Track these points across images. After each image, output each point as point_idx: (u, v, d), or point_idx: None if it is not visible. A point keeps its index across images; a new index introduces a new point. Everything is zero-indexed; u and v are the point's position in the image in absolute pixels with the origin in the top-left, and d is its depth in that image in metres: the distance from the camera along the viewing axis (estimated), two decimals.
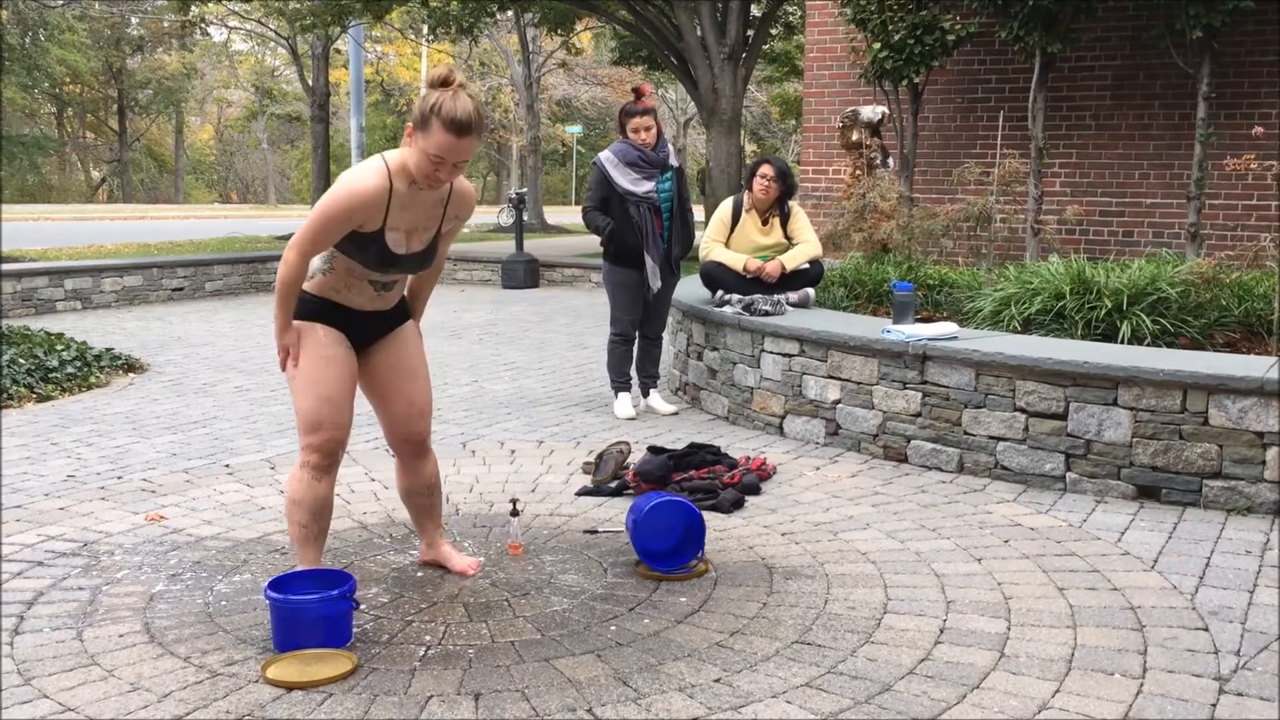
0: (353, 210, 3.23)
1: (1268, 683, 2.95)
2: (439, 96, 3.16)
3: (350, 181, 3.26)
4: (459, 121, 3.13)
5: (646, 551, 3.81)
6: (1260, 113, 9.06)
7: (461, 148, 3.18)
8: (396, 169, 3.28)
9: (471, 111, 3.16)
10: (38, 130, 48.73)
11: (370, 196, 3.24)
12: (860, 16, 9.64)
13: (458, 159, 3.21)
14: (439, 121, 3.14)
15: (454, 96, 3.15)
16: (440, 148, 3.16)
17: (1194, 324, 5.48)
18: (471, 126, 3.17)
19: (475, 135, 3.19)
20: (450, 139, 3.15)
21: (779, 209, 6.56)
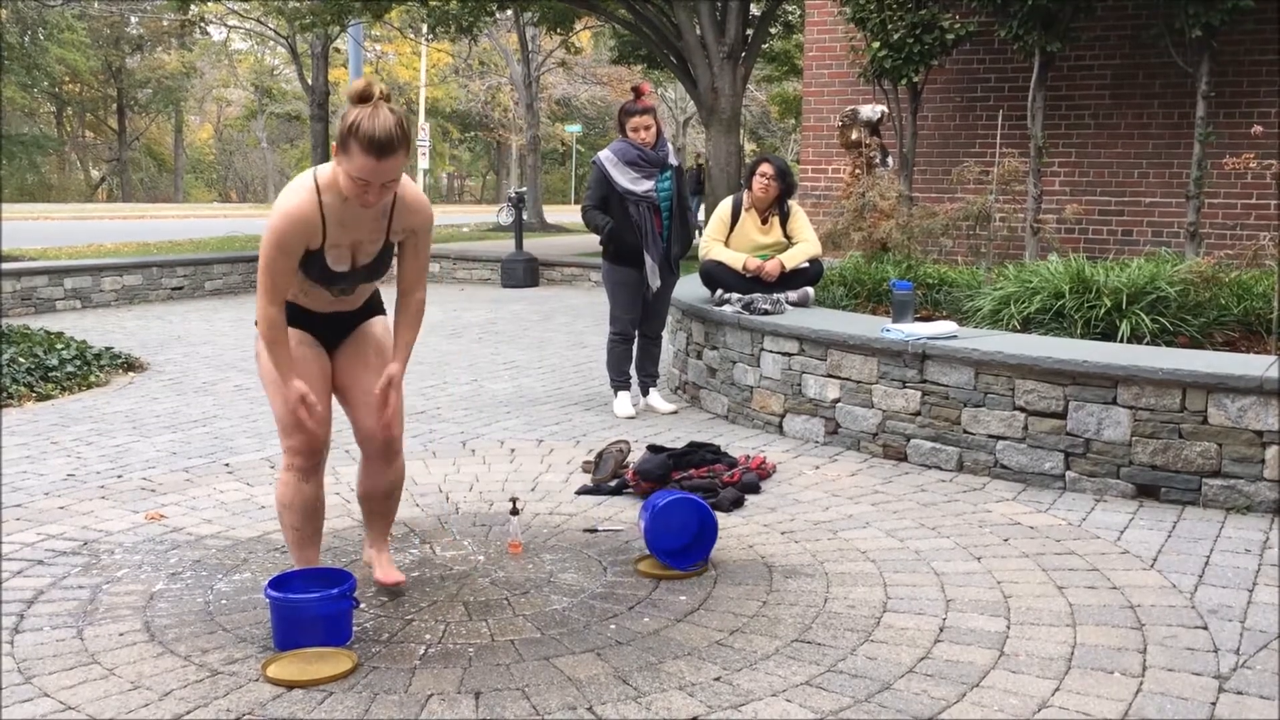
0: (288, 235, 3.10)
1: (1267, 681, 2.95)
2: (357, 115, 2.96)
3: (280, 207, 3.12)
4: (378, 142, 2.94)
5: (658, 547, 3.81)
6: (1259, 112, 9.07)
7: (384, 169, 2.99)
8: (326, 184, 3.12)
9: (392, 129, 2.95)
10: (37, 129, 48.72)
11: (301, 218, 3.10)
12: (859, 15, 9.64)
13: (382, 180, 3.02)
14: (357, 143, 2.95)
15: (373, 114, 2.95)
16: (362, 170, 2.98)
17: (1193, 323, 5.49)
18: (393, 145, 2.96)
19: (399, 153, 3.00)
20: (370, 161, 2.96)
21: (778, 208, 6.57)
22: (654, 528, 3.80)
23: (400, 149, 3.00)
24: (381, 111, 2.97)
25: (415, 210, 3.30)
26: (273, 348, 3.22)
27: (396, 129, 2.97)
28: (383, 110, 2.97)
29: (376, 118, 2.95)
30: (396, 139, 2.97)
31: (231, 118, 56.27)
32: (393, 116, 2.98)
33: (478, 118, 46.79)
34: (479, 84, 43.82)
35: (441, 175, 61.67)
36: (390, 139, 2.96)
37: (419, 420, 6.27)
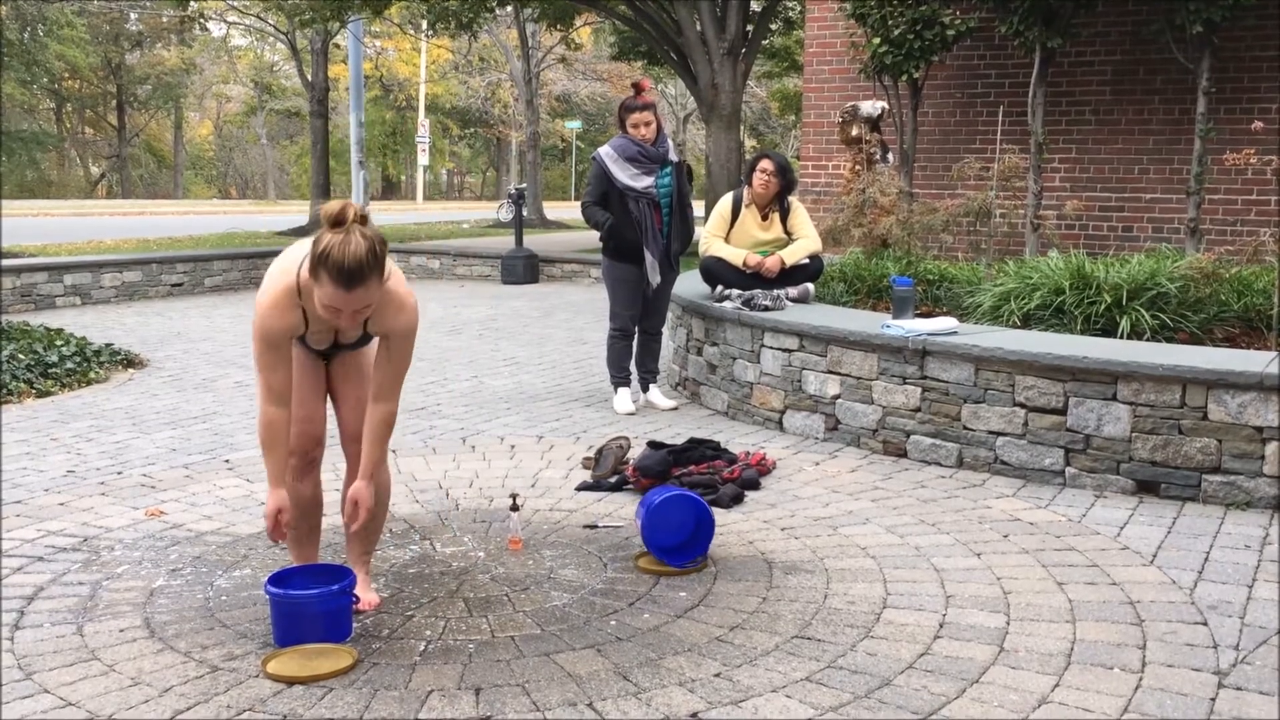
0: (273, 333, 3.07)
1: (1267, 677, 2.95)
2: (328, 242, 2.85)
3: (263, 298, 3.08)
4: (347, 273, 2.83)
5: (654, 544, 3.81)
6: (1260, 108, 9.06)
7: (354, 299, 2.89)
8: (307, 283, 3.01)
9: (363, 258, 2.84)
10: (37, 126, 48.67)
11: (283, 320, 3.07)
12: (860, 11, 9.62)
13: (353, 308, 2.93)
14: (326, 272, 2.85)
15: (344, 243, 2.84)
16: (332, 299, 2.90)
17: (1193, 319, 5.48)
18: (363, 276, 2.86)
19: (370, 282, 2.89)
20: (339, 292, 2.87)
21: (779, 204, 6.56)
22: (650, 524, 3.80)
23: (372, 277, 2.89)
24: (353, 239, 2.86)
25: (395, 312, 3.14)
26: (267, 450, 3.16)
27: (368, 257, 2.86)
28: (355, 237, 2.86)
29: (348, 246, 2.84)
30: (368, 267, 2.86)
31: (231, 114, 56.22)
32: (365, 243, 2.86)
33: (478, 114, 46.77)
34: (479, 80, 43.78)
35: (441, 172, 61.65)
36: (360, 269, 2.85)
37: (419, 416, 6.27)
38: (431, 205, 44.33)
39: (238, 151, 58.57)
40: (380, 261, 2.93)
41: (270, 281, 3.13)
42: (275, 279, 3.12)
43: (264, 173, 56.39)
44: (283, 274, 3.11)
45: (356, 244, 2.85)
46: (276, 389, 3.13)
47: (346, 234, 2.87)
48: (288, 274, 3.09)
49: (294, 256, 3.13)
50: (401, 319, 3.16)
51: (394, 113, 50.32)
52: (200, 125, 60.35)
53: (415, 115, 45.96)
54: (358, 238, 2.87)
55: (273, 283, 3.12)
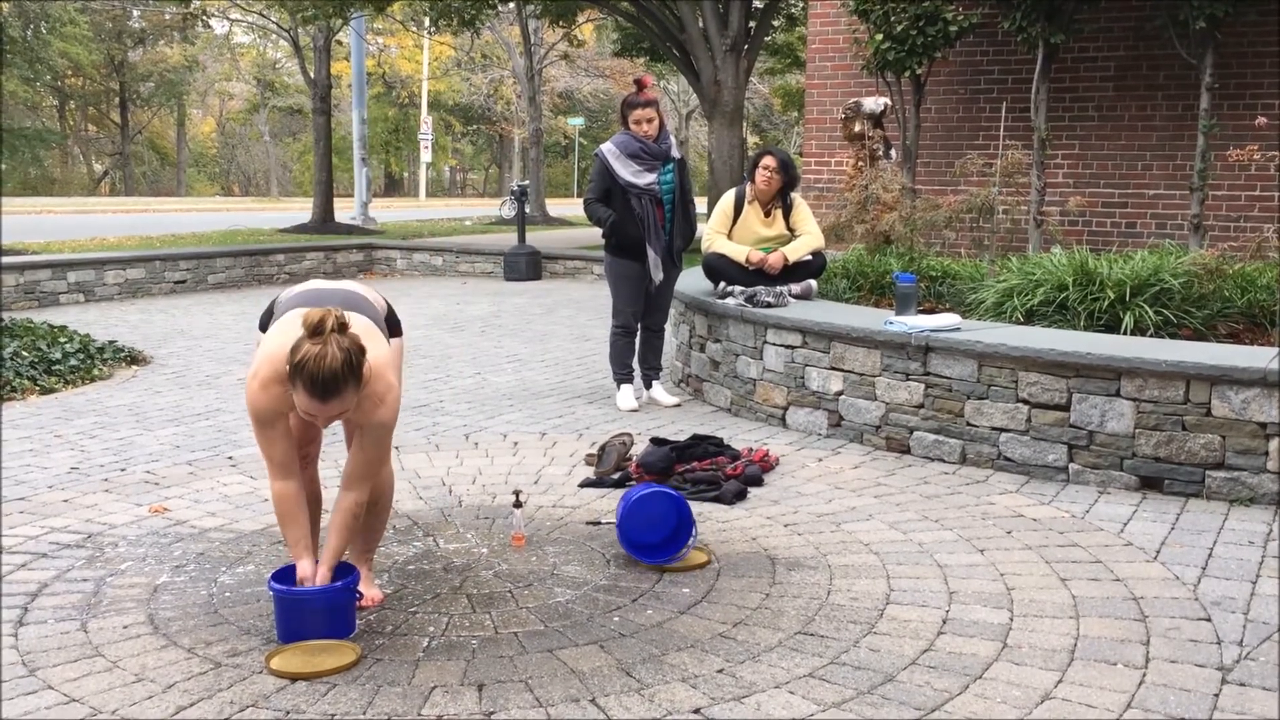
0: (265, 414, 3.08)
1: (1270, 673, 2.95)
2: (305, 352, 2.86)
3: (252, 389, 3.07)
4: (320, 385, 2.86)
5: (635, 543, 3.81)
6: (1263, 103, 9.04)
7: (329, 409, 2.93)
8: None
9: (338, 369, 2.85)
10: (40, 123, 48.71)
11: (272, 407, 3.07)
12: (862, 8, 9.62)
13: (328, 416, 2.98)
14: (301, 382, 2.88)
15: (320, 355, 2.85)
16: (307, 408, 2.94)
17: (1197, 315, 5.48)
18: (338, 386, 2.88)
19: (345, 394, 2.91)
20: (315, 402, 2.90)
21: (781, 200, 6.56)
22: (630, 526, 3.80)
23: (347, 389, 2.91)
24: (330, 351, 2.86)
25: (373, 408, 3.11)
26: (286, 523, 3.19)
27: (343, 369, 2.87)
28: (331, 349, 2.86)
29: (323, 359, 2.85)
30: (342, 380, 2.88)
31: (234, 111, 56.25)
32: (340, 355, 2.86)
33: (480, 111, 46.78)
34: (481, 77, 43.79)
35: (444, 169, 61.67)
36: (334, 382, 2.87)
37: (422, 414, 6.27)
38: (434, 202, 44.33)
39: (240, 148, 58.59)
40: (356, 371, 2.93)
41: (260, 363, 3.10)
42: (264, 365, 3.08)
43: (267, 170, 56.42)
44: (273, 359, 3.06)
45: (333, 356, 2.86)
46: (279, 461, 3.16)
47: (324, 345, 2.87)
48: (277, 361, 3.04)
49: (283, 341, 3.07)
50: (379, 414, 3.14)
51: (396, 110, 50.32)
52: (203, 122, 60.37)
53: (418, 112, 45.95)
54: (334, 349, 2.87)
55: (261, 367, 3.09)
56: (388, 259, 15.34)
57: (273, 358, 3.07)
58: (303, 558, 3.20)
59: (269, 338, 3.18)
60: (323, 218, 20.39)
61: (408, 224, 23.74)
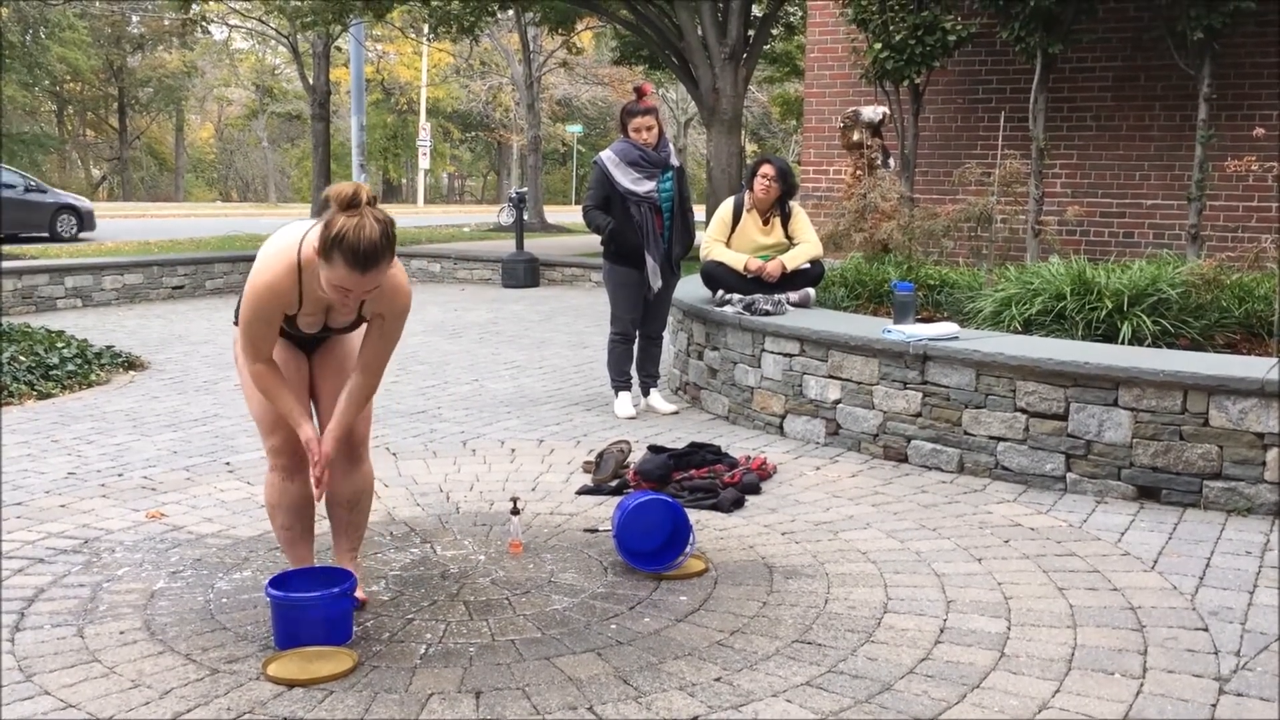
0: (266, 306, 3.08)
1: (1268, 683, 2.95)
2: (343, 224, 2.85)
3: (260, 275, 3.08)
4: (362, 255, 2.85)
5: (632, 551, 3.81)
6: (1261, 114, 9.06)
7: (367, 280, 2.92)
8: (308, 260, 3.03)
9: (377, 240, 2.86)
10: (38, 128, 48.67)
11: (279, 293, 3.08)
12: (861, 17, 9.64)
13: (364, 289, 2.96)
14: (340, 254, 2.85)
15: (359, 226, 2.85)
16: (344, 281, 2.90)
17: (1194, 325, 5.48)
18: (377, 258, 2.88)
19: (383, 264, 2.92)
20: (354, 274, 2.88)
21: (780, 209, 6.57)
22: (627, 533, 3.79)
23: (384, 260, 2.92)
24: (368, 222, 2.87)
25: (391, 296, 3.15)
26: (273, 395, 3.19)
27: (382, 240, 2.88)
28: (369, 220, 2.87)
29: (363, 230, 2.85)
30: (381, 250, 2.89)
31: (232, 117, 56.29)
32: (379, 227, 2.88)
33: (479, 118, 46.82)
34: (480, 84, 43.83)
35: (442, 175, 61.68)
36: (375, 252, 2.87)
37: (419, 420, 6.27)
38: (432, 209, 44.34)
39: (239, 154, 58.60)
40: (392, 244, 2.94)
41: (268, 260, 3.11)
42: (274, 257, 3.10)
43: (265, 176, 56.43)
44: (283, 252, 3.09)
45: (371, 227, 2.87)
46: (262, 348, 3.15)
47: (361, 217, 2.87)
48: (288, 252, 3.08)
49: (292, 235, 3.12)
50: (399, 301, 3.19)
51: (395, 116, 50.35)
52: (201, 128, 60.40)
53: (416, 119, 46.01)
54: (371, 221, 2.88)
55: (271, 260, 3.10)
56: None
57: (285, 250, 3.08)
58: (302, 422, 3.19)
59: (272, 240, 3.17)
60: None
61: (406, 230, 23.74)
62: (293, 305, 3.14)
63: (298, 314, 3.19)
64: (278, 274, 3.08)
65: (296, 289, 3.09)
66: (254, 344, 3.15)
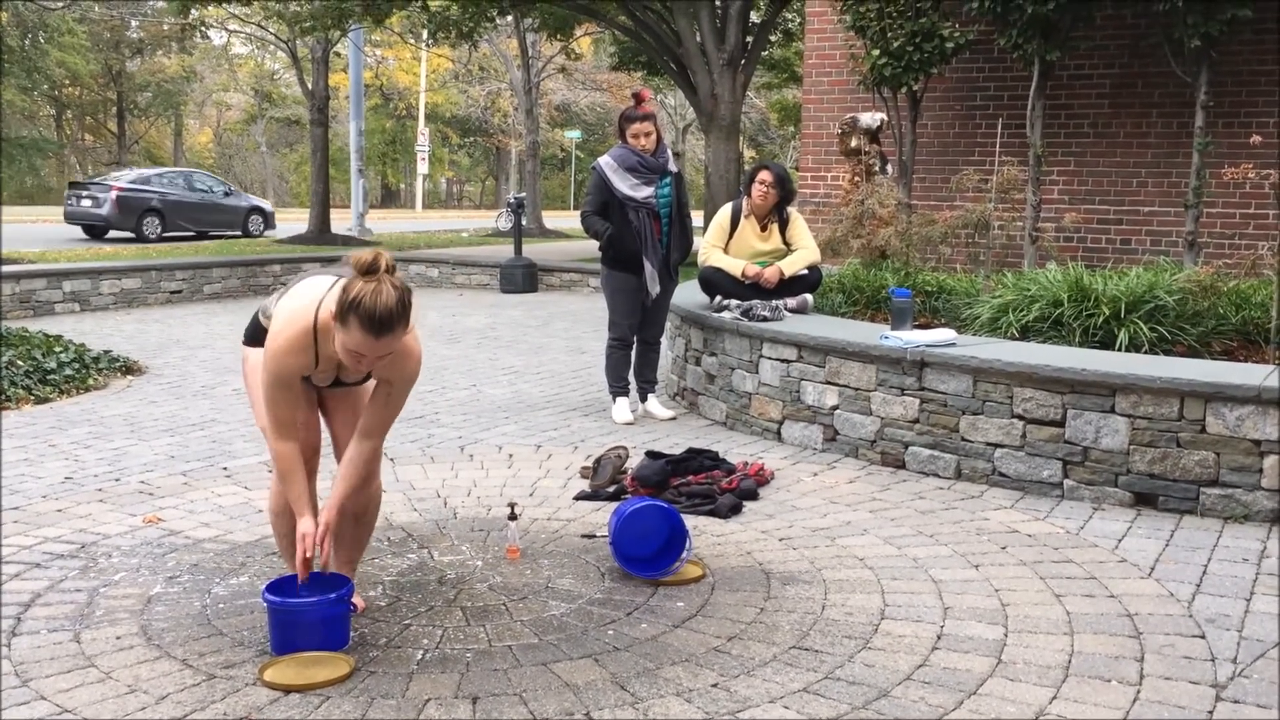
0: (285, 372, 3.11)
1: (1265, 690, 2.95)
2: (360, 290, 2.89)
3: (277, 343, 3.10)
4: (378, 321, 2.88)
5: (628, 557, 3.81)
6: (1258, 121, 9.08)
7: (382, 345, 2.94)
8: (324, 326, 3.07)
9: (393, 306, 2.89)
10: (37, 132, 48.68)
11: (296, 361, 3.10)
12: (859, 24, 9.66)
13: (378, 354, 2.98)
14: (357, 319, 2.88)
15: (376, 292, 2.88)
16: (359, 346, 2.93)
17: (1191, 332, 5.49)
18: (392, 325, 2.91)
19: (398, 330, 2.95)
20: (369, 339, 2.91)
21: (777, 215, 6.57)
22: (621, 534, 3.80)
23: (399, 327, 2.94)
24: (385, 288, 2.90)
25: (404, 360, 3.16)
26: (288, 481, 3.20)
27: (398, 307, 2.91)
28: (386, 287, 2.91)
29: (380, 295, 2.89)
30: (397, 317, 2.92)
31: (231, 122, 56.29)
32: (395, 293, 2.91)
33: (477, 123, 46.85)
34: (479, 89, 43.86)
35: (440, 180, 61.70)
36: (390, 319, 2.90)
37: (417, 425, 6.26)
38: (431, 214, 44.35)
39: (237, 159, 58.57)
40: (408, 312, 2.97)
41: (285, 322, 3.12)
42: (291, 320, 3.12)
43: (263, 180, 56.39)
44: (299, 315, 3.11)
45: (388, 294, 2.90)
46: (285, 422, 3.18)
47: (378, 283, 2.91)
48: (305, 315, 3.10)
49: (308, 296, 3.14)
50: (408, 367, 3.20)
51: (394, 121, 50.38)
52: (200, 133, 60.41)
53: (415, 124, 46.02)
54: (389, 288, 2.91)
55: (288, 324, 3.11)
56: None
57: (302, 312, 3.11)
58: (304, 513, 3.20)
59: (288, 303, 3.19)
60: (319, 229, 20.41)
61: (404, 235, 23.77)
62: (309, 368, 3.17)
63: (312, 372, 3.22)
64: (295, 337, 3.10)
65: (313, 351, 3.12)
66: (278, 416, 3.17)
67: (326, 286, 3.15)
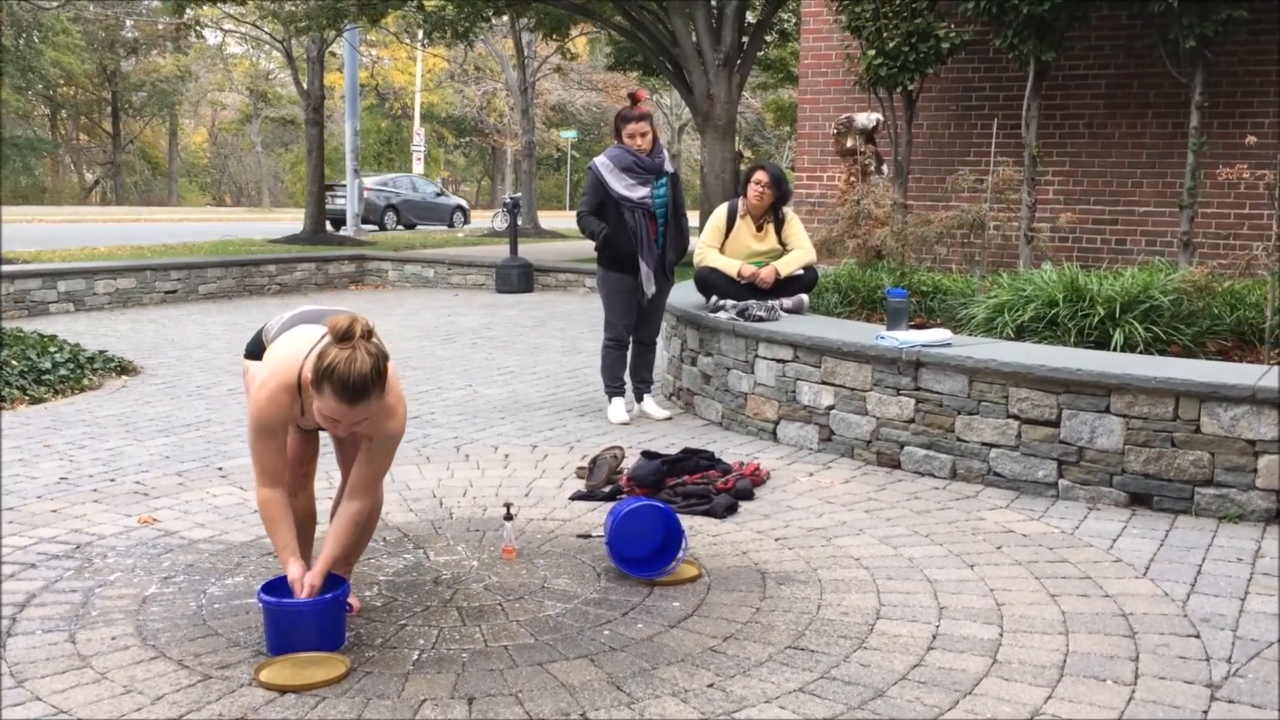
0: (270, 423, 3.12)
1: (1259, 690, 2.96)
2: (335, 356, 2.90)
3: (261, 392, 3.11)
4: (351, 389, 2.90)
5: (624, 557, 3.81)
6: (1253, 122, 9.10)
7: (355, 413, 2.96)
8: (307, 384, 3.06)
9: (367, 374, 2.90)
10: (31, 132, 48.62)
11: (281, 414, 3.12)
12: (855, 24, 9.66)
13: (352, 421, 2.99)
14: (329, 386, 2.90)
15: (349, 359, 2.89)
16: (333, 413, 2.95)
17: (1186, 332, 5.50)
18: (365, 393, 2.92)
19: (372, 398, 2.96)
20: (343, 406, 2.93)
21: (773, 215, 6.58)
22: (616, 534, 3.80)
23: (374, 394, 2.95)
24: (359, 356, 2.91)
25: (385, 419, 3.15)
26: (273, 528, 3.21)
27: (371, 374, 2.92)
28: (360, 354, 2.91)
29: (353, 363, 2.89)
30: (370, 384, 2.92)
31: (226, 121, 56.22)
32: (369, 360, 2.92)
33: (473, 123, 46.81)
34: (474, 89, 43.82)
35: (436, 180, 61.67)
36: (364, 386, 2.91)
37: (412, 425, 6.26)
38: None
39: (232, 159, 58.55)
40: (382, 379, 2.98)
41: (269, 374, 3.13)
42: (275, 373, 3.12)
43: (258, 180, 56.35)
44: (283, 369, 3.11)
45: (362, 361, 2.91)
46: (271, 470, 3.19)
47: (353, 350, 2.92)
48: (288, 371, 3.10)
49: (294, 351, 3.14)
50: (390, 426, 3.19)
51: (389, 121, 50.33)
52: (195, 132, 60.34)
53: (410, 124, 45.95)
54: (363, 355, 2.92)
55: (272, 375, 3.12)
56: (379, 270, 15.34)
57: (285, 368, 3.11)
58: (290, 561, 3.20)
59: (276, 350, 3.21)
60: (314, 228, 20.39)
61: (399, 235, 23.76)
62: (294, 419, 3.20)
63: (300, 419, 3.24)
64: (277, 392, 3.10)
65: (297, 405, 3.13)
66: (263, 465, 3.17)
67: (315, 339, 3.14)
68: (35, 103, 48.46)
